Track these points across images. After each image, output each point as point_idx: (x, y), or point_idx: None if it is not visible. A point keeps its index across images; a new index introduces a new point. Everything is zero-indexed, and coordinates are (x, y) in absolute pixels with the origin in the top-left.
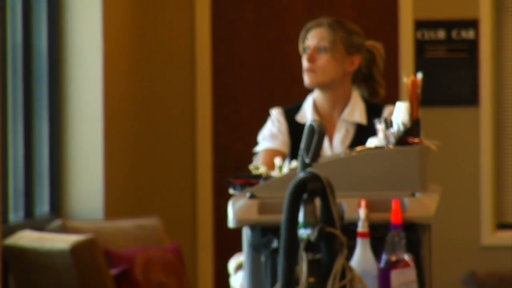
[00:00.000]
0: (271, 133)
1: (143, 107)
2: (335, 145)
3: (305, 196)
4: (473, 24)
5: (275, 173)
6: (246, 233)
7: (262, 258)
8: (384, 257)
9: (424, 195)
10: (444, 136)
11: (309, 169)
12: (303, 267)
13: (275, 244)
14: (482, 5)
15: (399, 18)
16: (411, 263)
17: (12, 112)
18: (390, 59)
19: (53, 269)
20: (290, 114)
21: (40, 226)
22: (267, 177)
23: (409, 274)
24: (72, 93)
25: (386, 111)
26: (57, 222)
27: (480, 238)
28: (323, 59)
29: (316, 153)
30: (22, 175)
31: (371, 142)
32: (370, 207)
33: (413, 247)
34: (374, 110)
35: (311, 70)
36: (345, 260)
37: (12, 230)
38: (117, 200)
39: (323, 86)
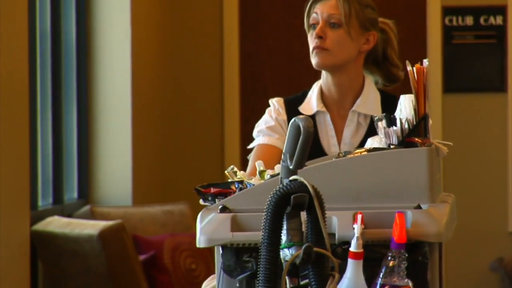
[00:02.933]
0: (269, 126)
1: (171, 94)
2: (345, 140)
3: (288, 209)
4: (501, 10)
5: (254, 181)
6: (217, 254)
7: (237, 284)
8: (378, 282)
9: (432, 207)
10: (472, 123)
11: (293, 177)
12: None
13: (252, 267)
14: None
15: (427, 4)
16: None
17: (41, 99)
18: (418, 45)
19: (82, 254)
20: (292, 104)
21: (68, 212)
22: (243, 186)
23: None
24: (100, 80)
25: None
26: (85, 208)
27: (508, 224)
28: (336, 36)
29: (302, 157)
30: (51, 161)
31: (370, 143)
32: (367, 222)
33: (418, 270)
34: (389, 101)
35: (322, 48)
36: (336, 286)
37: (41, 216)
38: (145, 186)
39: (335, 68)
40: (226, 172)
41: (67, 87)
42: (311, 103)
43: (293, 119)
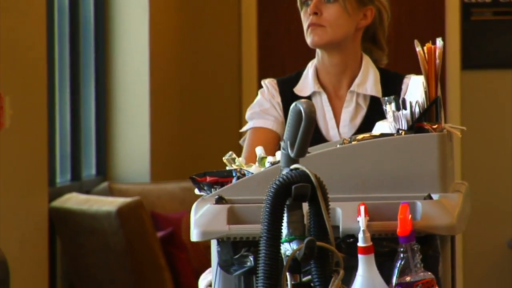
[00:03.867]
0: (263, 108)
1: (189, 70)
2: (344, 122)
3: (289, 201)
4: None
5: (253, 168)
6: (214, 248)
7: (234, 280)
8: (395, 279)
9: (444, 197)
10: (490, 100)
11: (294, 166)
12: None
13: (250, 262)
14: None
15: None
16: (434, 283)
17: (59, 75)
18: (436, 22)
19: (100, 231)
20: (286, 85)
21: (86, 189)
22: (241, 174)
23: None
24: (118, 56)
25: (406, 83)
26: (103, 185)
27: None
28: (331, 11)
29: (304, 145)
30: (69, 138)
31: (380, 127)
32: (373, 214)
33: (429, 265)
34: (391, 80)
35: (318, 25)
36: (341, 283)
37: (59, 192)
38: (163, 163)
39: (332, 46)
40: (223, 159)
41: (85, 63)
42: (307, 83)
43: (293, 104)
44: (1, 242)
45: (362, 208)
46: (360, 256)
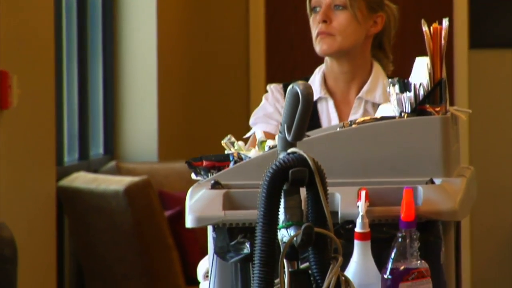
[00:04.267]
0: (266, 113)
1: (197, 49)
2: None
3: (286, 186)
4: None
5: (252, 153)
6: (210, 234)
7: (231, 267)
8: (389, 265)
9: (446, 181)
10: (498, 79)
11: (292, 150)
12: (284, 280)
13: (246, 249)
14: None
15: None
16: (428, 273)
17: (67, 54)
18: (443, 0)
19: (107, 210)
20: None
21: (94, 168)
22: (238, 159)
23: None
24: (126, 35)
25: None
26: (111, 164)
27: None
28: (341, 19)
29: (301, 128)
30: (77, 117)
31: (384, 110)
32: (374, 199)
33: (430, 251)
34: None
35: (327, 33)
36: (340, 270)
37: (67, 171)
38: (171, 142)
39: (341, 55)
40: (222, 142)
41: (93, 42)
42: (313, 89)
43: (290, 86)
44: (9, 221)
45: (363, 193)
46: (356, 242)
